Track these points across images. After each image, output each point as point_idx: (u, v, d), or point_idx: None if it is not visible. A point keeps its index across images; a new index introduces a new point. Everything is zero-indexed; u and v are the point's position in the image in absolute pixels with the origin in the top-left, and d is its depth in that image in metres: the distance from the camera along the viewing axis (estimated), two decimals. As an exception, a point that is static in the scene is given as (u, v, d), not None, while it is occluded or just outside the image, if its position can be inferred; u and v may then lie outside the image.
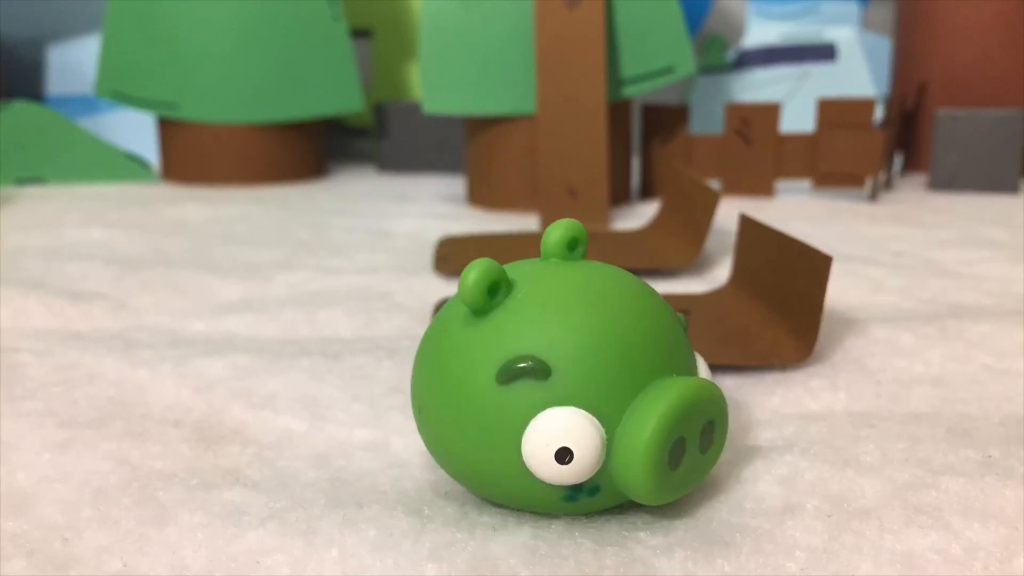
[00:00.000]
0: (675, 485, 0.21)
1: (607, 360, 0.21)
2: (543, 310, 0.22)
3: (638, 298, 0.23)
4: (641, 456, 0.20)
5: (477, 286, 0.21)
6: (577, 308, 0.22)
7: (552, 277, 0.23)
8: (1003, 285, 0.45)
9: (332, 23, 0.87)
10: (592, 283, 0.22)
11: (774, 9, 1.03)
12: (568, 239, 0.24)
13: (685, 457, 0.21)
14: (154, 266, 0.50)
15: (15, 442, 0.27)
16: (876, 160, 0.71)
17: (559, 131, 0.64)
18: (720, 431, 0.22)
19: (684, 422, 0.21)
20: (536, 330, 0.21)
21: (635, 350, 0.21)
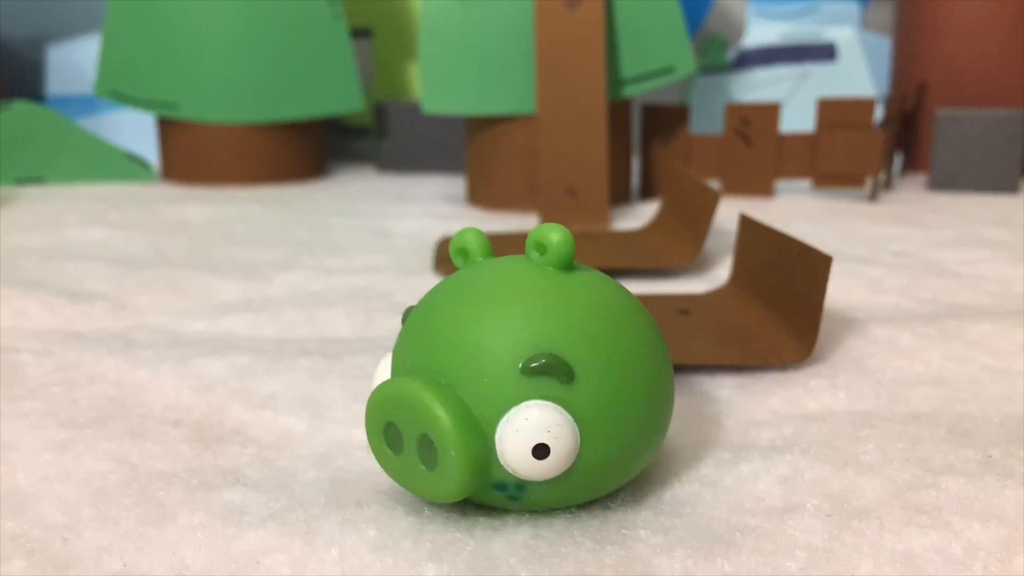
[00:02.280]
0: (399, 472, 0.22)
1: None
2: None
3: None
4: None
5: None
6: None
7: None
8: (1003, 285, 0.45)
9: (332, 23, 0.87)
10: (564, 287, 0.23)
11: (774, 9, 1.03)
12: (534, 243, 0.23)
13: (404, 453, 0.21)
14: (154, 266, 0.50)
15: (15, 442, 0.27)
16: (876, 160, 0.71)
17: (559, 131, 0.64)
18: (443, 453, 0.21)
19: (390, 411, 0.21)
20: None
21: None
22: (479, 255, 0.24)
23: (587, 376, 0.21)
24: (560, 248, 0.22)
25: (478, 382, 0.21)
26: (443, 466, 0.21)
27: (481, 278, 0.23)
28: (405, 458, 0.22)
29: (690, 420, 0.29)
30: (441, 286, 0.24)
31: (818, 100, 0.73)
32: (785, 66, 1.02)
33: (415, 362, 0.22)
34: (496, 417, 0.21)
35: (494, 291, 0.22)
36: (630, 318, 0.23)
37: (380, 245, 0.57)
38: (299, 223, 0.64)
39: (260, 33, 0.84)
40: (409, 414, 0.21)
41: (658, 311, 0.39)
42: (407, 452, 0.21)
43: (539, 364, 0.21)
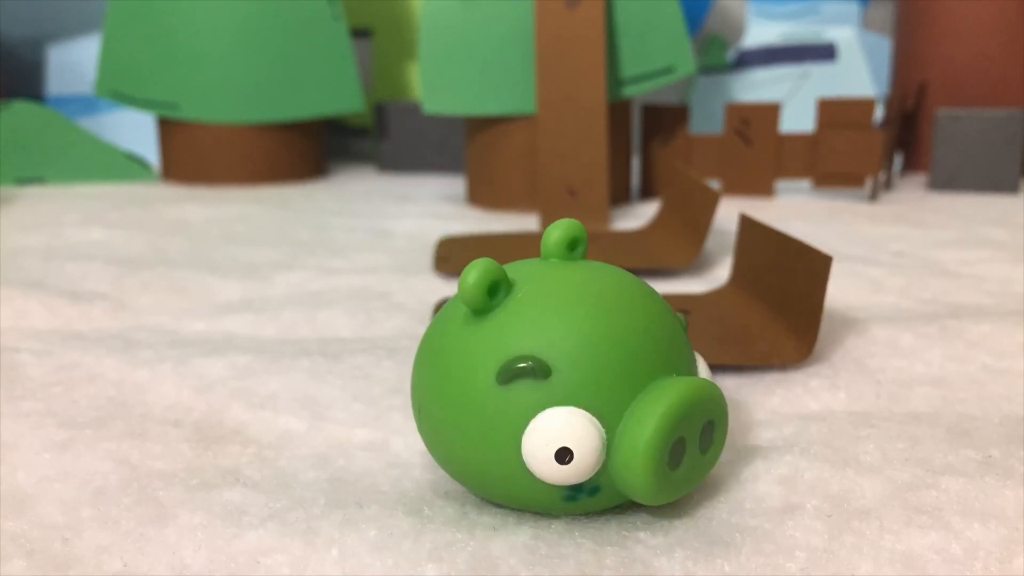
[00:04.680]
0: (675, 485, 0.21)
1: (606, 360, 0.21)
2: (543, 310, 0.22)
3: (638, 298, 0.22)
4: (641, 456, 0.20)
5: (477, 286, 0.21)
6: (577, 308, 0.22)
7: (552, 277, 0.23)
8: (1003, 285, 0.45)
9: (332, 23, 0.87)
10: (592, 283, 0.22)
11: (774, 9, 1.03)
12: (568, 239, 0.24)
13: (685, 457, 0.21)
14: (154, 266, 0.50)
15: (15, 442, 0.27)
16: (876, 160, 0.71)
17: (559, 131, 0.64)
18: (720, 431, 0.22)
19: (684, 422, 0.21)
20: (536, 330, 0.21)
21: (634, 350, 0.21)
22: (507, 289, 0.22)
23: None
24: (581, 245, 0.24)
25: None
26: (718, 439, 0.22)
27: (547, 284, 0.23)
28: (687, 459, 0.21)
29: (690, 420, 0.29)
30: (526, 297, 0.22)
31: (818, 100, 0.73)
32: (785, 66, 1.02)
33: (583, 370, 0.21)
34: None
35: (572, 296, 0.22)
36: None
37: (380, 245, 0.57)
38: (299, 223, 0.64)
39: (260, 33, 0.84)
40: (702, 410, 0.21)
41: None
42: (689, 452, 0.21)
43: None
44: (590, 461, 0.20)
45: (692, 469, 0.22)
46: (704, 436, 0.22)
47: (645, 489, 0.20)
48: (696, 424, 0.21)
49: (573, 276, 0.23)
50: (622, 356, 0.21)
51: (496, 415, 0.21)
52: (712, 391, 0.21)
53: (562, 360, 0.21)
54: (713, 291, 0.42)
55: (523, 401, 0.21)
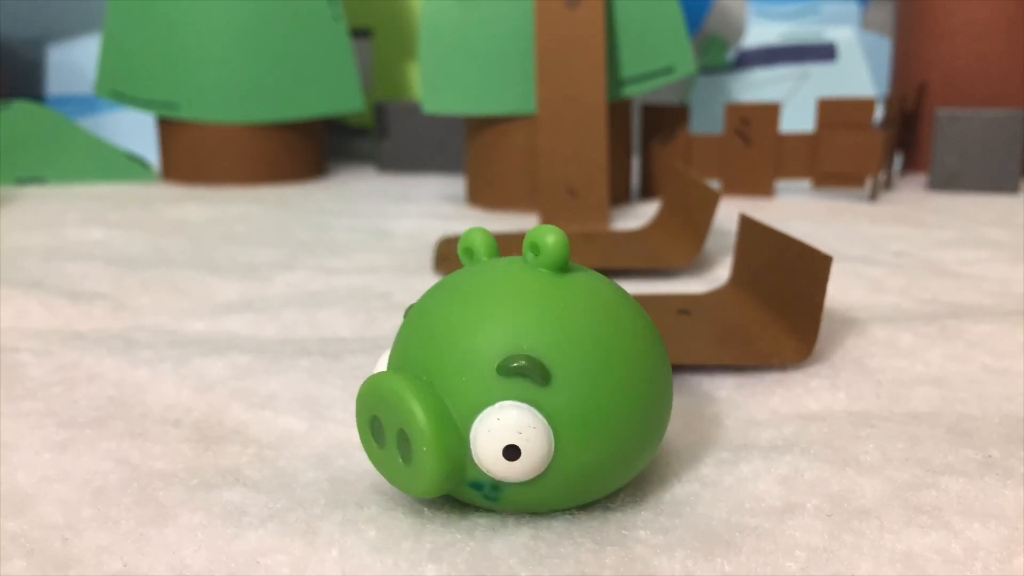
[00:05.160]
0: (382, 464, 0.22)
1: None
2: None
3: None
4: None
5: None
6: None
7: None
8: (1003, 285, 0.45)
9: (332, 23, 0.87)
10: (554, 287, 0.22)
11: (774, 9, 1.03)
12: (530, 244, 0.23)
13: (386, 446, 0.22)
14: (154, 266, 0.50)
15: (15, 442, 0.27)
16: (876, 160, 0.71)
17: (559, 131, 0.64)
18: (417, 447, 0.21)
19: (375, 405, 0.22)
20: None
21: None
22: (485, 255, 0.24)
23: (566, 379, 0.21)
24: (554, 250, 0.22)
25: (456, 380, 0.21)
26: (418, 461, 0.21)
27: (473, 278, 0.23)
28: (387, 451, 0.22)
29: (690, 420, 0.29)
30: (438, 285, 0.24)
31: (818, 100, 0.73)
32: (785, 66, 1.02)
33: (404, 358, 0.22)
34: (472, 416, 0.21)
35: (482, 290, 0.22)
36: (621, 322, 0.22)
37: (380, 245, 0.57)
38: (299, 223, 0.64)
39: (260, 33, 0.84)
40: (390, 408, 0.21)
41: (658, 311, 0.39)
42: (388, 445, 0.22)
43: (515, 365, 0.21)
44: None
45: (393, 467, 0.22)
46: (401, 442, 0.21)
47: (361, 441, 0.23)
48: (389, 418, 0.21)
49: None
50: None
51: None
52: (380, 389, 0.21)
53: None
54: (713, 291, 0.42)
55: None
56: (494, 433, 0.20)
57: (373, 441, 0.22)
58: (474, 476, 0.21)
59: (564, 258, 0.22)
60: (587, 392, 0.21)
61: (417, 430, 0.20)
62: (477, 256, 0.24)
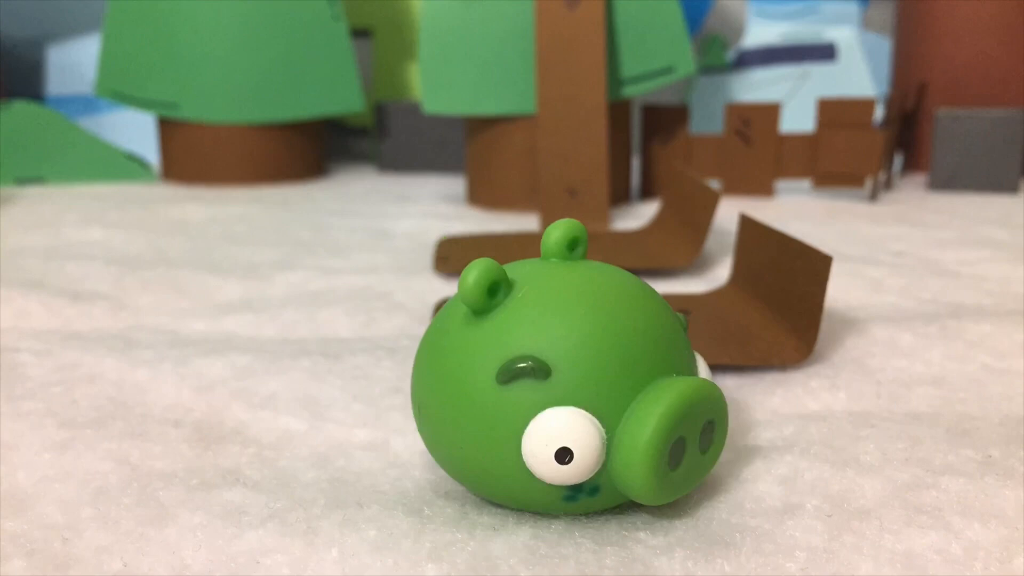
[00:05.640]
0: (675, 485, 0.21)
1: (607, 360, 0.21)
2: (543, 310, 0.22)
3: (638, 298, 0.22)
4: (641, 456, 0.20)
5: (477, 286, 0.21)
6: (577, 308, 0.21)
7: (552, 277, 0.23)
8: (1003, 285, 0.45)
9: (332, 23, 0.87)
10: (592, 283, 0.22)
11: (774, 9, 1.03)
12: (568, 239, 0.24)
13: (685, 457, 0.21)
14: (154, 266, 0.50)
15: (15, 442, 0.27)
16: (876, 160, 0.71)
17: (559, 131, 0.64)
18: (720, 430, 0.22)
19: (684, 422, 0.21)
20: (536, 330, 0.21)
21: (634, 350, 0.21)
22: (508, 288, 0.23)
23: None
24: (576, 244, 0.24)
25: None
26: (718, 439, 0.22)
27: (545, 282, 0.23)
28: (687, 460, 0.21)
29: (690, 420, 0.29)
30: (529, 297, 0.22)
31: (818, 100, 0.73)
32: (785, 66, 1.02)
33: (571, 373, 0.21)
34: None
35: (565, 294, 0.22)
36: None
37: (380, 245, 0.57)
38: (299, 223, 0.64)
39: (260, 33, 0.84)
40: (705, 409, 0.21)
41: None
42: (689, 452, 0.21)
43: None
44: (590, 461, 0.20)
45: (692, 469, 0.22)
46: (704, 436, 0.22)
47: (645, 489, 0.20)
48: (696, 424, 0.21)
49: (572, 276, 0.23)
50: (621, 356, 0.21)
51: (496, 415, 0.21)
52: (712, 391, 0.21)
53: (562, 360, 0.21)
54: (713, 291, 0.42)
55: (523, 401, 0.21)
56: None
57: (668, 467, 0.21)
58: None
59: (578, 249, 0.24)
60: None
61: (722, 410, 0.22)
62: (504, 288, 0.22)
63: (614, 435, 0.21)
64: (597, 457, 0.20)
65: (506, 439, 0.21)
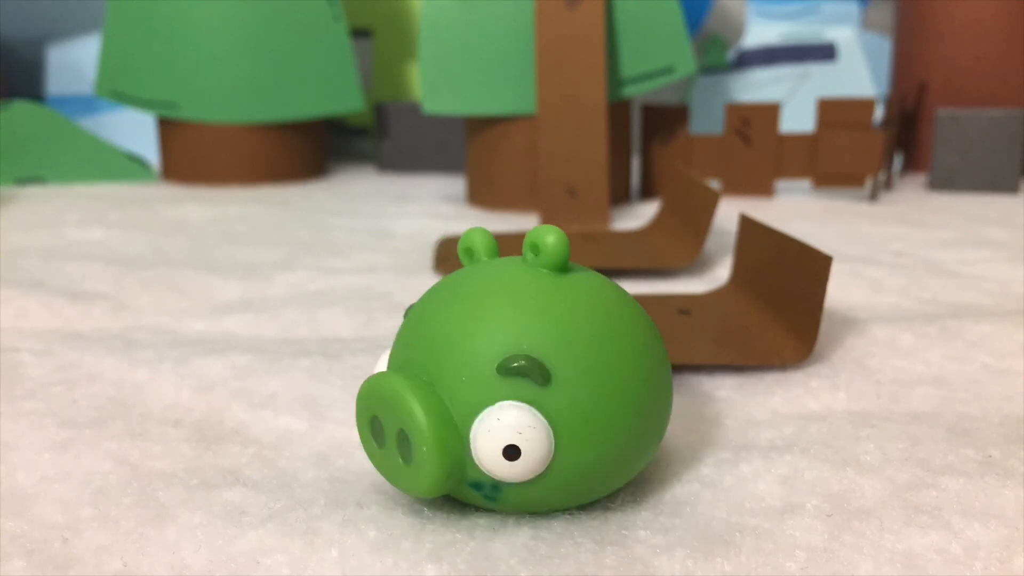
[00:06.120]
0: (382, 465, 0.22)
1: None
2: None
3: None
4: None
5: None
6: None
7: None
8: (1003, 285, 0.45)
9: (332, 23, 0.87)
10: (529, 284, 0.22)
11: (774, 9, 1.03)
12: (530, 244, 0.23)
13: (386, 446, 0.22)
14: (154, 266, 0.50)
15: (15, 442, 0.27)
16: (876, 160, 0.71)
17: (559, 131, 0.64)
18: (417, 446, 0.21)
19: (374, 406, 0.22)
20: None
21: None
22: (485, 255, 0.24)
23: (566, 380, 0.21)
24: (554, 250, 0.22)
25: (456, 380, 0.21)
26: (418, 461, 0.21)
27: (473, 278, 0.23)
28: (387, 451, 0.22)
29: (690, 420, 0.29)
30: (438, 285, 0.24)
31: (818, 100, 0.73)
32: (785, 66, 1.02)
33: (404, 358, 0.22)
34: (472, 416, 0.21)
35: (482, 291, 0.22)
36: (621, 321, 0.22)
37: (380, 245, 0.57)
38: (299, 223, 0.64)
39: (260, 33, 0.84)
40: (389, 409, 0.21)
41: (658, 311, 0.39)
42: (388, 445, 0.22)
43: (516, 365, 0.21)
44: None
45: (394, 468, 0.22)
46: (401, 442, 0.21)
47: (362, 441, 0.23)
48: (389, 419, 0.21)
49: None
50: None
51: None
52: (380, 387, 0.21)
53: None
54: (713, 291, 0.42)
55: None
56: (494, 433, 0.20)
57: (373, 441, 0.22)
58: (474, 476, 0.21)
59: (564, 258, 0.22)
60: (587, 392, 0.21)
61: (417, 430, 0.20)
62: (477, 256, 0.24)
63: None
64: None
65: None
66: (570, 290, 0.22)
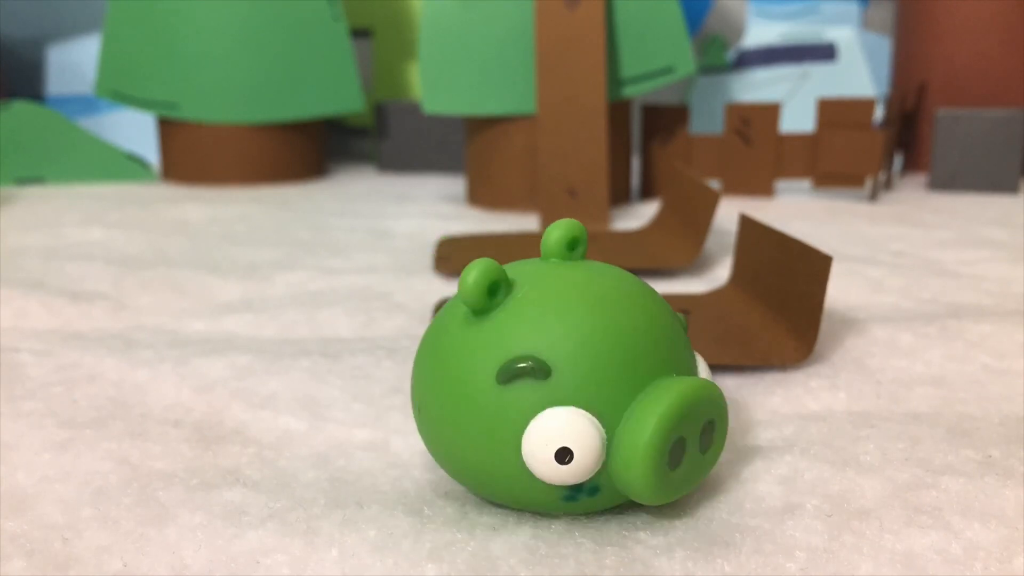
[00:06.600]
0: (675, 485, 0.21)
1: (607, 360, 0.21)
2: (543, 310, 0.22)
3: (638, 298, 0.22)
4: (641, 456, 0.20)
5: (477, 286, 0.21)
6: (577, 308, 0.22)
7: (552, 277, 0.23)
8: (1003, 285, 0.45)
9: (332, 23, 0.87)
10: (592, 283, 0.22)
11: (774, 9, 1.03)
12: (568, 239, 0.24)
13: (685, 457, 0.21)
14: (154, 266, 0.50)
15: (15, 442, 0.27)
16: (876, 160, 0.71)
17: (559, 131, 0.64)
18: (720, 430, 0.22)
19: (684, 422, 0.21)
20: (536, 330, 0.21)
21: (634, 350, 0.21)
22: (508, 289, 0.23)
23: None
24: (574, 245, 0.24)
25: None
26: (718, 439, 0.22)
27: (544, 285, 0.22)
28: (688, 459, 0.21)
29: (690, 420, 0.29)
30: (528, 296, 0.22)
31: (818, 100, 0.73)
32: (785, 66, 1.02)
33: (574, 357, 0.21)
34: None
35: (564, 295, 0.22)
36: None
37: (380, 245, 0.57)
38: (299, 223, 0.64)
39: (260, 33, 0.84)
40: (702, 410, 0.21)
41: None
42: (689, 452, 0.21)
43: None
44: (590, 461, 0.20)
45: (692, 469, 0.22)
46: (704, 436, 0.22)
47: (645, 489, 0.20)
48: (696, 424, 0.21)
49: (572, 276, 0.23)
50: (621, 356, 0.21)
51: (496, 415, 0.21)
52: (711, 391, 0.21)
53: (562, 360, 0.21)
54: (713, 291, 0.42)
55: (523, 401, 0.21)
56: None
57: (668, 467, 0.21)
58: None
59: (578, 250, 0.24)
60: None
61: (723, 410, 0.22)
62: (503, 288, 0.22)
63: (614, 435, 0.21)
64: (597, 457, 0.20)
65: (506, 439, 0.21)
66: (626, 283, 0.23)
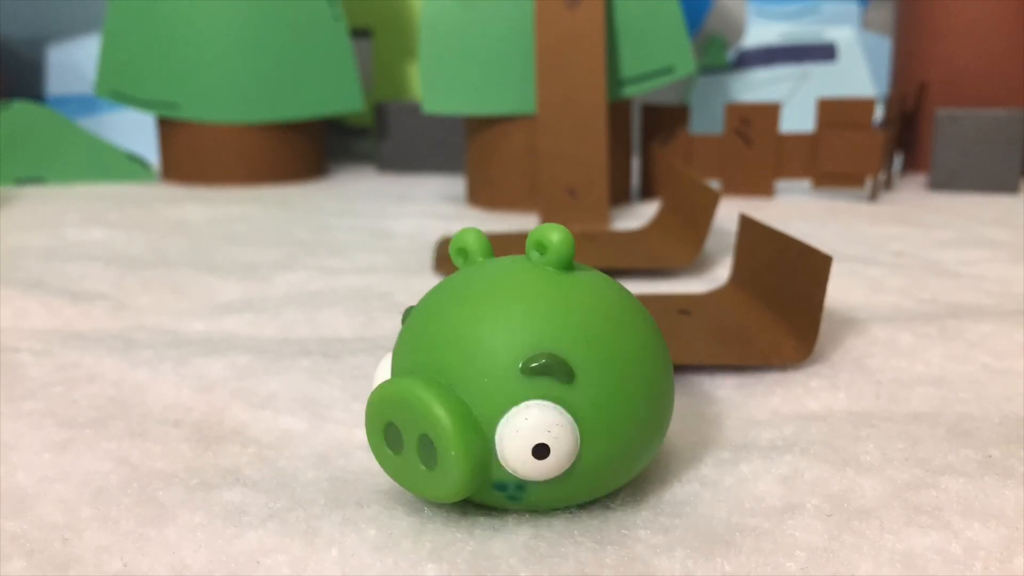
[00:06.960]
0: (396, 469, 0.22)
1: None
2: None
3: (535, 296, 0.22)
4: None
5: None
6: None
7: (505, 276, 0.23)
8: (1003, 285, 0.45)
9: (332, 23, 0.87)
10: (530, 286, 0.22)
11: (774, 9, 1.03)
12: (533, 242, 0.23)
13: (404, 451, 0.21)
14: (154, 266, 0.50)
15: (15, 442, 0.27)
16: (876, 160, 0.71)
17: (559, 131, 0.64)
18: (444, 455, 0.21)
19: (390, 409, 0.21)
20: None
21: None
22: (479, 255, 0.24)
23: (587, 376, 0.21)
24: (560, 248, 0.22)
25: (478, 382, 0.21)
26: (443, 466, 0.21)
27: (481, 278, 0.23)
28: (405, 458, 0.22)
29: (690, 420, 0.29)
30: (441, 286, 0.24)
31: (818, 100, 0.73)
32: (785, 66, 1.02)
33: (415, 362, 0.22)
34: (496, 417, 0.21)
35: (494, 291, 0.22)
36: (630, 318, 0.23)
37: (380, 245, 0.57)
38: (299, 223, 0.64)
39: (260, 33, 0.84)
40: (409, 414, 0.21)
41: (658, 311, 0.39)
42: (407, 452, 0.21)
43: (539, 364, 0.21)
44: None
45: (414, 472, 0.21)
46: (424, 448, 0.21)
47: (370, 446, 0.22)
48: (409, 424, 0.21)
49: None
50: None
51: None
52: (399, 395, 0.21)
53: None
54: (713, 291, 0.42)
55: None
56: (523, 433, 0.20)
57: (387, 448, 0.22)
58: (499, 477, 0.21)
59: (570, 256, 0.23)
60: (606, 387, 0.21)
61: (443, 435, 0.20)
62: (472, 257, 0.24)
63: None
64: None
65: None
66: (580, 288, 0.22)
